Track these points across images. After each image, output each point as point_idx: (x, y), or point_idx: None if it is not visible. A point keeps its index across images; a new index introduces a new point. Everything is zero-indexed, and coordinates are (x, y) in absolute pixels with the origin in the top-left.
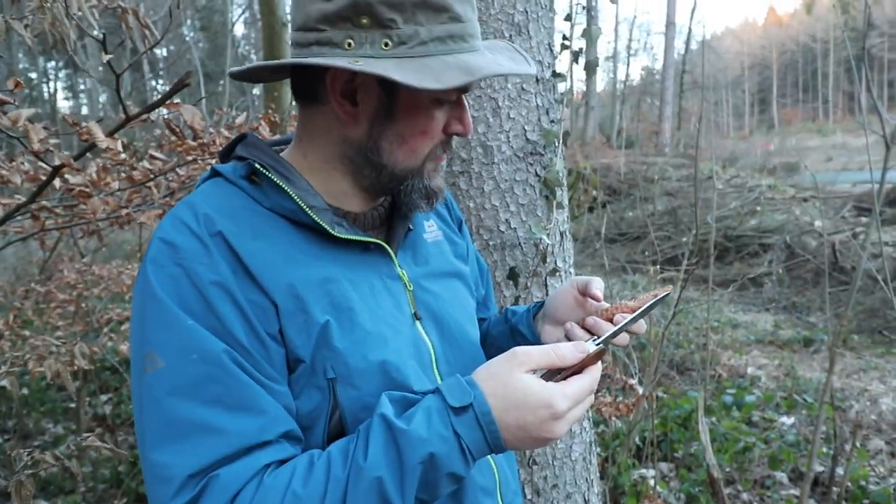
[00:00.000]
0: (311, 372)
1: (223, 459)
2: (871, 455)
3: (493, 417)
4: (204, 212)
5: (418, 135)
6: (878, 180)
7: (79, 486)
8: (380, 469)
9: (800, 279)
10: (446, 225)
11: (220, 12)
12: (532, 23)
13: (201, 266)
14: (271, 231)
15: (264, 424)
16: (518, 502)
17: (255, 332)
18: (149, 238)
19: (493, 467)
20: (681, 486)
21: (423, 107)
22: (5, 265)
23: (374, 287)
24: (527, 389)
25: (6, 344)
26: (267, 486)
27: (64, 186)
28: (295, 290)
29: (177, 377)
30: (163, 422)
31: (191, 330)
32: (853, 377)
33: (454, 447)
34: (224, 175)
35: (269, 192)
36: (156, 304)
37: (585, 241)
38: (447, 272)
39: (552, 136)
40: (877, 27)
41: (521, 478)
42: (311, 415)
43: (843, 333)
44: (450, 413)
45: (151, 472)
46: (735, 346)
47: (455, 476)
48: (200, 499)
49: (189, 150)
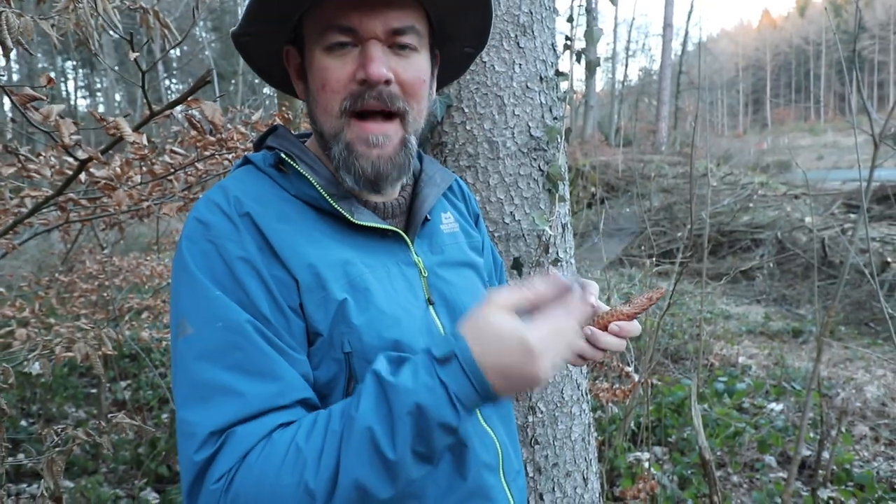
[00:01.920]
0: (329, 345)
1: (241, 419)
2: (856, 440)
3: (476, 364)
4: (234, 195)
5: (319, 89)
6: (867, 178)
7: (101, 467)
8: (370, 419)
9: (790, 273)
10: (463, 218)
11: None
12: (536, 23)
13: (230, 242)
14: (296, 215)
15: (280, 390)
16: (520, 480)
17: (278, 304)
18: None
19: (497, 445)
20: (674, 469)
21: (316, 58)
22: (27, 257)
23: (390, 271)
24: (500, 329)
25: (33, 331)
26: (274, 441)
27: (89, 179)
28: (315, 268)
29: (203, 343)
30: (190, 383)
31: (217, 300)
32: (839, 366)
33: (441, 396)
34: (255, 163)
35: (294, 180)
36: (188, 276)
37: (584, 235)
38: (461, 262)
39: (555, 133)
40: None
41: (524, 457)
42: (329, 384)
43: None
44: (434, 364)
45: (180, 427)
46: (727, 337)
47: (447, 426)
48: (219, 453)
49: (207, 144)
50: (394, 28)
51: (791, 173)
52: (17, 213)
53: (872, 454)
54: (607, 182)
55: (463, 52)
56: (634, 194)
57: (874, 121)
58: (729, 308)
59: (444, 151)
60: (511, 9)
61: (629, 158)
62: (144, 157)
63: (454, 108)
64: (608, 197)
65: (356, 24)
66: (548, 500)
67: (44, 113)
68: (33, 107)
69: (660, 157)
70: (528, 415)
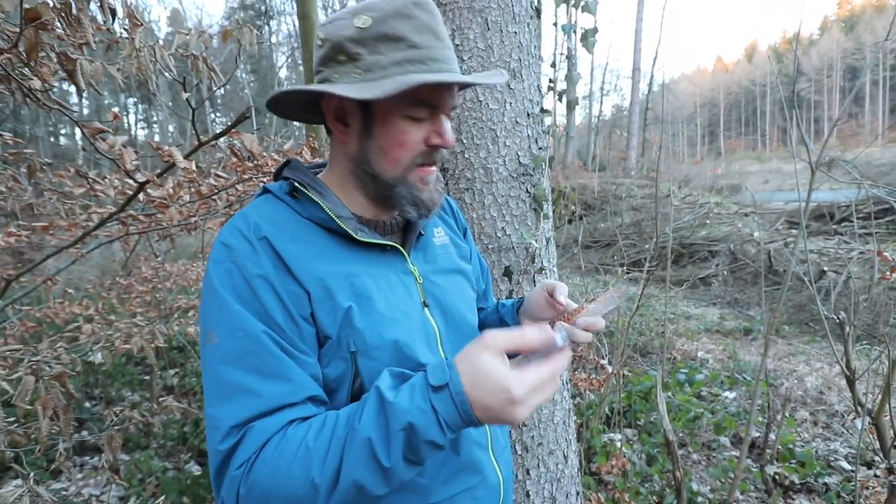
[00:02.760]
0: (337, 346)
1: (258, 415)
2: (798, 423)
3: (465, 396)
4: (254, 221)
5: (396, 146)
6: (805, 199)
7: (152, 443)
8: (370, 431)
9: (741, 280)
10: (453, 232)
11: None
12: (524, 69)
13: (249, 262)
14: (308, 236)
15: (292, 389)
16: (507, 455)
17: (291, 315)
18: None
19: (486, 425)
20: (642, 448)
21: (395, 122)
22: (93, 263)
23: (390, 280)
24: (490, 372)
25: (97, 326)
26: (288, 438)
27: (146, 199)
28: (324, 281)
29: (226, 350)
30: (215, 384)
31: (238, 314)
32: (784, 360)
33: (432, 420)
34: (272, 192)
35: (306, 205)
36: (214, 293)
37: (565, 247)
38: (451, 269)
39: (540, 161)
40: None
41: (513, 437)
42: (338, 380)
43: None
44: (429, 390)
45: (208, 422)
46: (688, 334)
47: (434, 444)
48: (240, 445)
49: (246, 169)
50: (454, 105)
51: (741, 194)
52: (85, 227)
53: (812, 436)
54: (585, 201)
55: None
56: (608, 212)
57: (811, 151)
58: (689, 309)
59: (445, 176)
60: (503, 56)
61: (603, 181)
62: (193, 180)
63: (455, 140)
64: (586, 214)
65: (439, 103)
66: (533, 474)
67: (110, 143)
68: (101, 138)
69: (630, 181)
70: None
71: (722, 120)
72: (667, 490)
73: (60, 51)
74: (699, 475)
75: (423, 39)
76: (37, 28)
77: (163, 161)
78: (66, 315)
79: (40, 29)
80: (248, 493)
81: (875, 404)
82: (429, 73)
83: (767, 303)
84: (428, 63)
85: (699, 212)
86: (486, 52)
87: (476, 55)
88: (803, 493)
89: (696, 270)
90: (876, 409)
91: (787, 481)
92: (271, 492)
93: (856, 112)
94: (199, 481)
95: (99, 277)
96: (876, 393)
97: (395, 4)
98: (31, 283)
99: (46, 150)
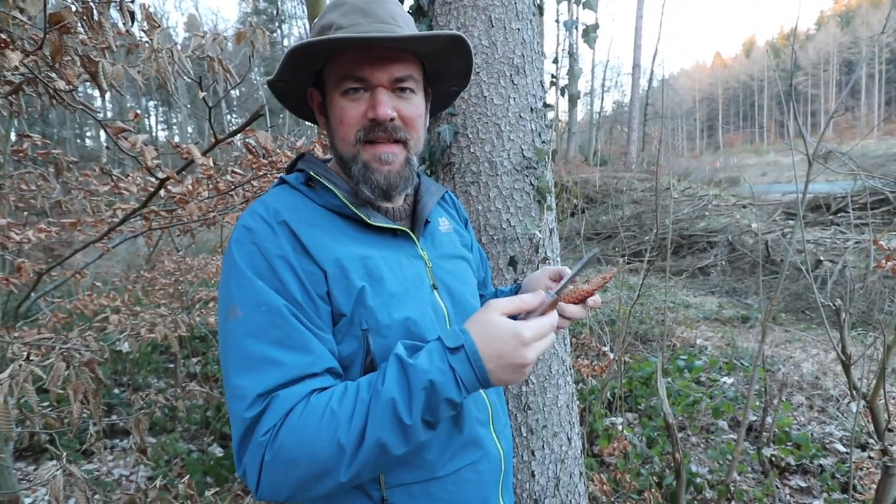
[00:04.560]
0: (350, 324)
1: (283, 384)
2: (794, 408)
3: (479, 354)
4: (273, 206)
5: (340, 124)
6: (802, 191)
7: (177, 427)
8: (393, 392)
9: (739, 269)
10: (455, 222)
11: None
12: (528, 64)
13: (269, 244)
14: (323, 221)
15: (313, 360)
16: (507, 431)
17: (308, 293)
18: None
19: (487, 404)
20: (643, 431)
21: (336, 101)
22: (118, 258)
23: (401, 263)
24: (500, 325)
25: (123, 317)
26: (312, 404)
27: (167, 195)
28: (340, 262)
29: (250, 323)
30: (240, 356)
31: (261, 289)
32: (781, 346)
33: (449, 377)
34: (289, 182)
35: (321, 193)
36: (237, 271)
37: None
38: (456, 255)
39: (543, 154)
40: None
41: (518, 420)
42: (350, 357)
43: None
44: (446, 352)
45: (232, 392)
46: (687, 322)
47: (451, 402)
48: (265, 412)
49: (261, 166)
50: (396, 77)
51: (740, 187)
52: (110, 223)
53: (807, 419)
54: (587, 195)
55: (450, 90)
56: (609, 205)
57: (808, 143)
58: (688, 298)
59: (452, 170)
60: (507, 53)
61: (605, 175)
62: (211, 177)
63: (461, 135)
64: (588, 207)
65: (367, 74)
66: (538, 455)
67: (132, 141)
68: (123, 136)
69: (630, 175)
70: (522, 385)
71: (720, 114)
72: (666, 471)
73: (83, 53)
74: (698, 457)
75: (349, 20)
76: (60, 31)
77: (182, 158)
78: (94, 306)
79: (63, 32)
80: (273, 458)
81: (870, 388)
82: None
83: (765, 291)
84: (345, 29)
85: (698, 204)
86: (490, 49)
87: (480, 52)
88: (799, 475)
89: (695, 261)
90: (871, 392)
91: (784, 463)
92: (298, 455)
93: (852, 105)
94: (222, 462)
95: (124, 271)
96: (871, 377)
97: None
98: (60, 277)
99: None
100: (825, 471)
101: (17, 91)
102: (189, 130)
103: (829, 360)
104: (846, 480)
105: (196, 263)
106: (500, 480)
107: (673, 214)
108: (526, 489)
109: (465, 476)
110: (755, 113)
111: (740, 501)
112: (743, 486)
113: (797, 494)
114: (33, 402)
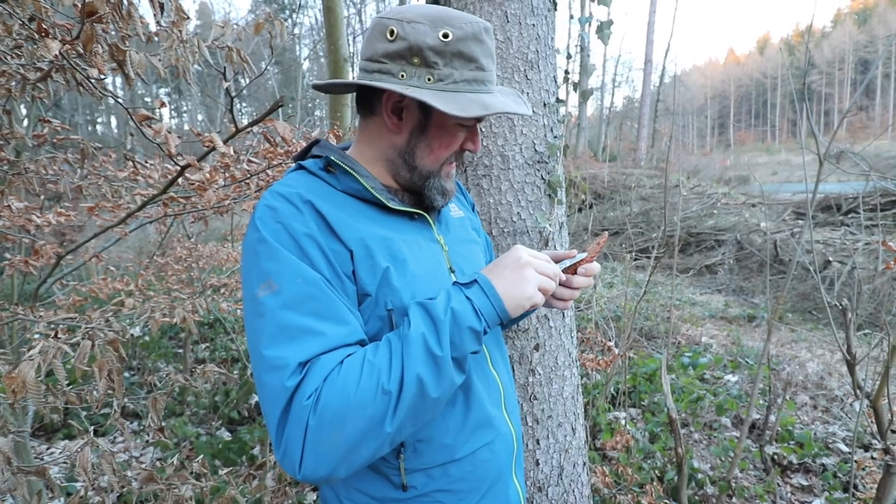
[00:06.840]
0: (374, 304)
1: (322, 353)
2: (798, 407)
3: (491, 284)
4: (295, 189)
5: (443, 147)
6: (813, 191)
7: (185, 411)
8: (420, 328)
9: (746, 268)
10: (464, 208)
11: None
12: (541, 60)
13: (296, 222)
14: (345, 205)
15: (350, 331)
16: (516, 411)
17: (336, 271)
18: (239, 224)
19: (500, 386)
20: (646, 426)
21: (449, 128)
22: (129, 244)
23: (421, 246)
24: (504, 256)
25: (137, 301)
26: (347, 364)
27: (186, 182)
28: (365, 242)
29: (287, 295)
30: (277, 328)
31: (296, 263)
32: (786, 346)
33: (468, 307)
34: (306, 168)
35: (341, 178)
36: (267, 245)
37: (576, 234)
38: (468, 240)
39: (555, 149)
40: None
41: (524, 409)
42: (375, 337)
43: (780, 312)
44: (461, 287)
45: (268, 364)
46: (692, 320)
47: (474, 330)
48: (306, 378)
49: (277, 155)
50: None
51: (749, 186)
52: (127, 208)
53: (811, 419)
54: (595, 191)
55: None
56: (618, 201)
57: (820, 143)
58: (694, 296)
59: (464, 163)
60: (521, 48)
61: (614, 171)
62: (227, 165)
63: None
64: (596, 203)
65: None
66: (543, 444)
67: (156, 129)
68: (147, 124)
69: (639, 171)
70: (529, 376)
71: (732, 112)
72: (668, 466)
73: (112, 42)
74: (700, 453)
75: (487, 63)
76: (93, 22)
77: (204, 146)
78: (108, 290)
79: (96, 22)
80: (318, 421)
81: (874, 388)
82: (488, 95)
83: (772, 291)
84: (486, 84)
85: (707, 202)
86: (506, 44)
87: (495, 47)
88: (800, 473)
89: (702, 258)
90: (874, 392)
91: (786, 461)
92: (345, 411)
93: (866, 105)
94: (230, 446)
95: (136, 257)
96: (875, 378)
97: (473, 28)
98: (76, 262)
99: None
100: (827, 470)
101: (46, 78)
102: (199, 118)
103: (834, 360)
104: (848, 480)
105: (207, 251)
106: (514, 459)
107: (681, 212)
108: (530, 477)
109: (481, 456)
110: (768, 111)
111: (741, 498)
112: (744, 482)
113: (798, 493)
114: (61, 377)
